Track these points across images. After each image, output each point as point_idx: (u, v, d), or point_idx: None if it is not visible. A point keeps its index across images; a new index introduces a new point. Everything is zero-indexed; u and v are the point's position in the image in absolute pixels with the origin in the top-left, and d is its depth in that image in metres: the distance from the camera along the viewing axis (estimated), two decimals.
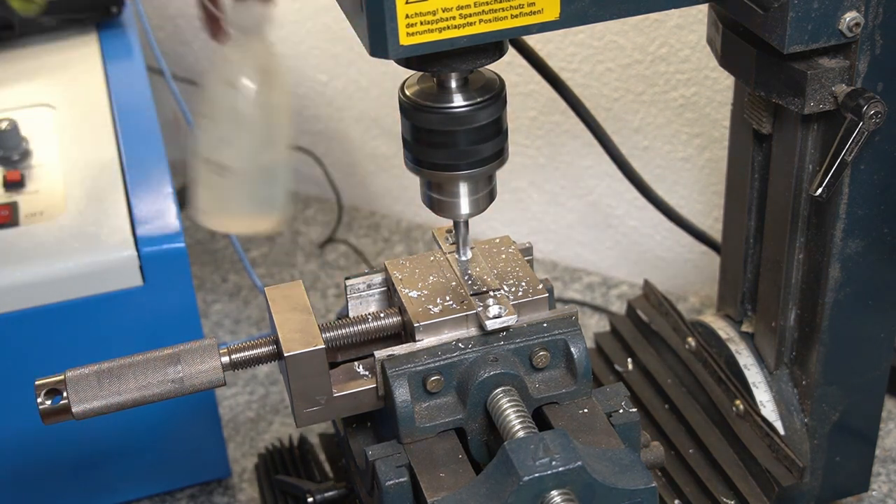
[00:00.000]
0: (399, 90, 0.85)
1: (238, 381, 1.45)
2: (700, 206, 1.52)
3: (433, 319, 0.88)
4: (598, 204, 1.60)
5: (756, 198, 1.08)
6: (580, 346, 0.88)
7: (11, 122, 1.20)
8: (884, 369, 1.08)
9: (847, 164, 0.91)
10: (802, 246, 1.03)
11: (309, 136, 1.82)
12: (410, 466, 0.84)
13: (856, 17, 0.85)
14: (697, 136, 1.47)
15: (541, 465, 0.77)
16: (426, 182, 0.89)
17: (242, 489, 1.31)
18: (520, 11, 0.77)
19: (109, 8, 1.39)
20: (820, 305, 1.02)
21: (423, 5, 0.74)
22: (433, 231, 0.98)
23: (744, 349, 1.13)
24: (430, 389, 0.86)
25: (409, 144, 0.86)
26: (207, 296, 1.61)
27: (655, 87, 1.47)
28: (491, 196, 0.89)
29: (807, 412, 1.08)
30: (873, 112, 0.87)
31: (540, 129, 1.58)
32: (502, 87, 0.85)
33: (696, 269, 1.57)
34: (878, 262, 1.00)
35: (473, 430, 0.88)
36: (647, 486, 0.81)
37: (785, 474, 1.05)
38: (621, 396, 0.90)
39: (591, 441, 0.85)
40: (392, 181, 1.78)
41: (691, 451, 1.12)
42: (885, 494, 1.24)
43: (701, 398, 1.14)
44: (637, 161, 1.36)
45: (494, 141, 0.85)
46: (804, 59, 0.89)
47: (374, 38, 0.75)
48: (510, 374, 0.86)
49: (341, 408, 0.89)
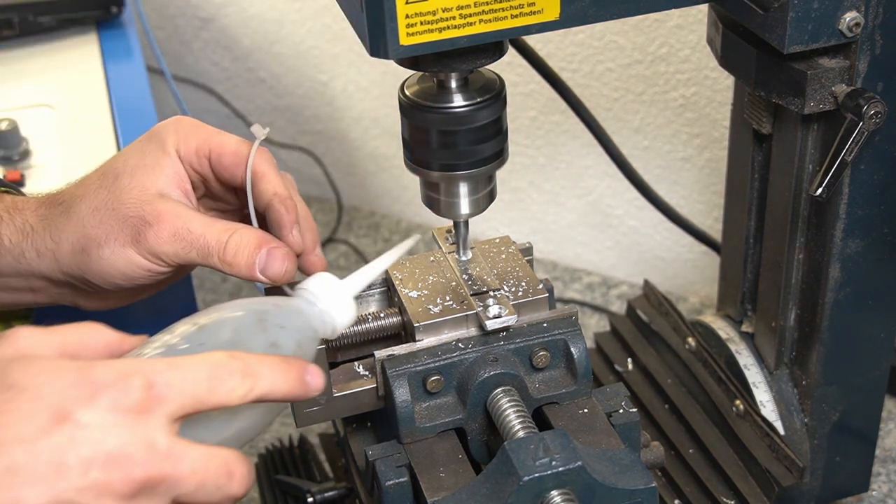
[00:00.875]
0: (399, 90, 0.85)
1: None
2: (700, 206, 1.52)
3: (433, 319, 0.88)
4: (598, 204, 1.60)
5: (756, 198, 1.08)
6: (580, 346, 0.88)
7: (11, 122, 1.20)
8: (884, 369, 1.08)
9: (847, 164, 0.91)
10: (802, 246, 1.03)
11: (309, 136, 1.82)
12: (410, 466, 0.84)
13: (856, 17, 0.85)
14: (697, 136, 1.47)
15: (541, 465, 0.77)
16: (426, 182, 0.89)
17: None
18: (520, 11, 0.77)
19: (109, 8, 1.38)
20: (820, 305, 1.02)
21: (423, 5, 0.74)
22: (433, 231, 0.98)
23: (744, 349, 1.13)
24: (430, 389, 0.86)
25: (409, 144, 0.86)
26: (207, 296, 1.61)
27: (655, 87, 1.47)
28: (491, 196, 0.89)
29: (807, 412, 1.08)
30: (873, 112, 0.87)
31: (540, 129, 1.58)
32: (502, 87, 0.85)
33: (696, 269, 1.57)
34: (878, 262, 1.00)
35: (473, 430, 0.88)
36: (647, 486, 0.80)
37: (785, 474, 1.05)
38: (621, 396, 0.90)
39: (591, 441, 0.85)
40: (392, 181, 1.78)
41: (691, 451, 1.12)
42: (885, 494, 1.24)
43: (701, 398, 1.14)
44: (637, 161, 1.36)
45: (494, 141, 0.85)
46: (804, 59, 0.89)
47: (374, 38, 0.75)
48: (510, 374, 0.86)
49: (341, 408, 0.89)
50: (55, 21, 1.37)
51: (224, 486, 0.64)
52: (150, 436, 0.62)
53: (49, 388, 0.61)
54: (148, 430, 0.62)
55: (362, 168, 1.80)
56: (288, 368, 0.68)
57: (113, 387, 0.61)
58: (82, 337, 0.67)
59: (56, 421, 0.60)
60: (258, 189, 0.84)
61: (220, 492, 0.64)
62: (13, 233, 0.85)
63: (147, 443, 0.61)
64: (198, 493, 0.63)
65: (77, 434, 0.60)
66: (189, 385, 0.63)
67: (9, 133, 1.20)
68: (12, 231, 0.85)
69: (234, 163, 0.85)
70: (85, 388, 0.61)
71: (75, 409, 0.60)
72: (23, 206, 0.87)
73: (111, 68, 1.34)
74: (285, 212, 0.84)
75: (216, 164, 0.85)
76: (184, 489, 0.63)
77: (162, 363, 0.64)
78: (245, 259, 0.81)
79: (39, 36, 1.39)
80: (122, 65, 1.35)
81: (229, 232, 0.82)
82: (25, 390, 0.61)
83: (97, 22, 1.41)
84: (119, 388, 0.61)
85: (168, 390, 0.63)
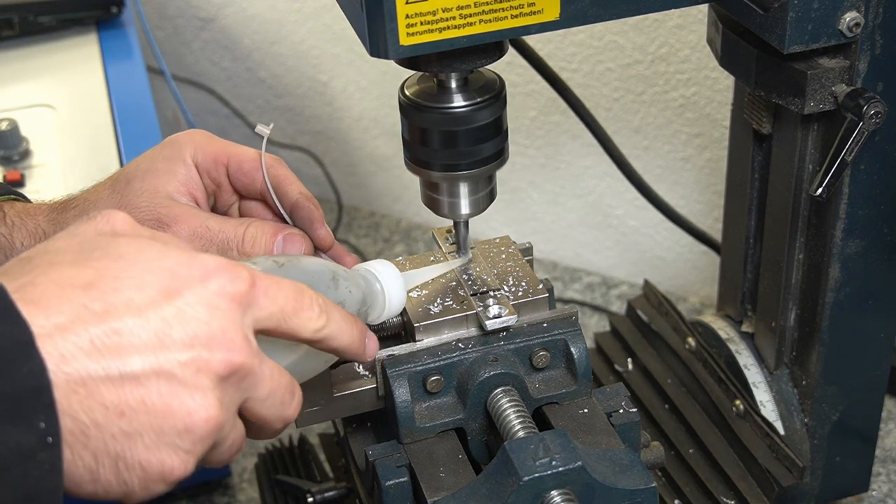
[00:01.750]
0: (399, 90, 0.85)
1: None
2: (700, 206, 1.51)
3: (433, 319, 0.88)
4: (598, 204, 1.60)
5: (756, 198, 1.08)
6: (580, 346, 0.88)
7: (11, 122, 1.20)
8: (884, 369, 1.08)
9: (847, 164, 0.91)
10: (802, 246, 1.03)
11: (309, 136, 1.82)
12: (410, 466, 0.84)
13: (856, 17, 0.85)
14: (697, 136, 1.47)
15: (541, 465, 0.77)
16: (426, 182, 0.89)
17: (242, 489, 1.31)
18: (520, 11, 0.77)
19: (109, 8, 1.39)
20: (820, 305, 1.02)
21: (423, 5, 0.74)
22: (433, 231, 0.98)
23: (744, 349, 1.13)
24: (430, 389, 0.86)
25: (409, 144, 0.86)
26: None
27: (655, 87, 1.47)
28: (491, 196, 0.89)
29: (807, 412, 1.08)
30: (873, 112, 0.87)
31: (540, 129, 1.58)
32: (502, 87, 0.85)
33: (696, 269, 1.57)
34: (878, 262, 1.00)
35: (473, 430, 0.88)
36: (647, 486, 0.81)
37: (785, 474, 1.05)
38: (621, 396, 0.90)
39: (591, 441, 0.85)
40: (392, 181, 1.78)
41: (691, 451, 1.12)
42: (885, 494, 1.24)
43: (701, 398, 1.14)
44: (637, 161, 1.36)
45: (494, 141, 0.85)
46: (804, 59, 0.89)
47: (374, 39, 0.75)
48: (510, 374, 0.86)
49: (341, 408, 0.89)
50: (55, 21, 1.37)
51: (286, 403, 0.67)
52: (246, 330, 0.64)
53: (161, 264, 0.63)
54: (245, 324, 0.64)
55: (362, 168, 1.80)
56: (354, 323, 0.72)
57: (223, 273, 0.64)
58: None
59: (166, 295, 0.62)
60: (282, 191, 0.88)
61: (282, 408, 0.67)
62: (25, 237, 0.86)
63: (244, 335, 0.64)
64: (266, 402, 0.66)
65: (186, 311, 0.62)
66: (282, 298, 0.66)
67: (9, 133, 1.20)
68: (24, 236, 0.86)
69: (254, 167, 0.88)
70: (196, 268, 0.63)
71: (185, 286, 0.62)
72: (34, 211, 0.88)
73: (111, 68, 1.34)
74: (314, 208, 0.88)
75: (236, 171, 0.88)
76: (260, 392, 0.65)
77: (259, 272, 0.67)
78: (263, 247, 0.84)
79: (39, 36, 1.39)
80: (122, 65, 1.36)
81: (245, 224, 0.85)
82: (137, 262, 0.62)
83: (97, 22, 1.41)
84: (228, 276, 0.64)
85: (266, 294, 0.65)
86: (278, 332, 0.67)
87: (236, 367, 0.63)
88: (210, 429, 0.62)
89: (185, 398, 0.61)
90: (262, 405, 0.66)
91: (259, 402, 0.66)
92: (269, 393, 0.66)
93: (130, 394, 0.59)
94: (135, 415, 0.60)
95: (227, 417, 0.63)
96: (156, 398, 0.60)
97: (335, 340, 0.70)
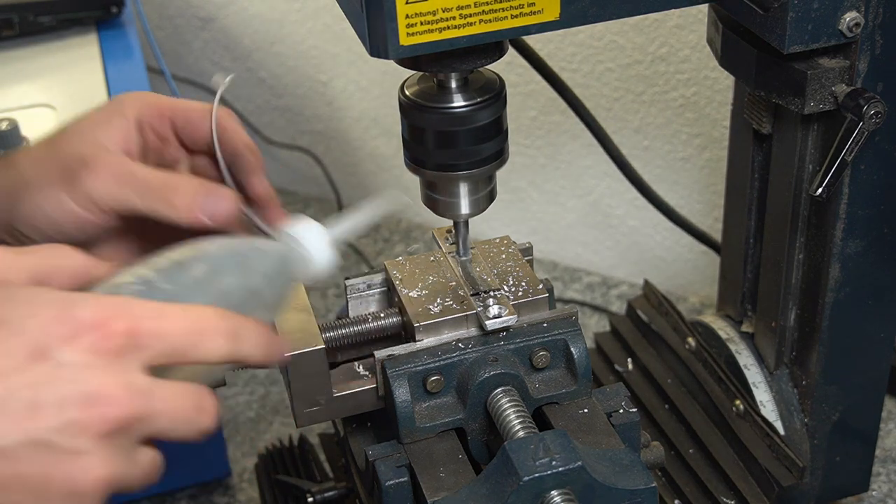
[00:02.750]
0: (399, 90, 0.85)
1: (238, 380, 1.45)
2: (700, 206, 1.51)
3: (433, 319, 0.88)
4: (598, 204, 1.60)
5: (756, 198, 1.08)
6: (580, 346, 0.88)
7: (11, 122, 1.20)
8: (884, 369, 1.08)
9: (847, 164, 0.91)
10: (802, 246, 1.03)
11: (309, 136, 1.82)
12: (410, 466, 0.84)
13: (856, 17, 0.85)
14: (697, 136, 1.47)
15: (541, 465, 0.77)
16: (426, 182, 0.89)
17: (242, 489, 1.31)
18: (520, 11, 0.77)
19: (109, 8, 1.38)
20: (820, 305, 1.02)
21: (423, 5, 0.74)
22: (433, 231, 0.98)
23: (744, 349, 1.13)
24: (430, 389, 0.86)
25: (409, 144, 0.86)
26: None
27: (655, 87, 1.47)
28: (491, 196, 0.89)
29: (807, 412, 1.08)
30: (873, 112, 0.87)
31: (540, 129, 1.58)
32: (502, 86, 0.85)
33: (696, 269, 1.57)
34: (878, 262, 1.00)
35: (473, 430, 0.88)
36: (647, 486, 0.81)
37: (785, 474, 1.05)
38: (621, 396, 0.90)
39: (591, 441, 0.85)
40: (392, 181, 1.78)
41: (691, 451, 1.12)
42: (885, 494, 1.24)
43: (701, 398, 1.14)
44: (637, 161, 1.36)
45: (494, 141, 0.85)
46: (804, 59, 0.89)
47: (374, 39, 0.75)
48: (510, 374, 0.86)
49: (341, 408, 0.89)
50: (55, 21, 1.37)
51: (196, 421, 0.64)
52: (127, 376, 0.61)
53: (30, 323, 0.59)
54: (125, 371, 0.61)
55: (362, 168, 1.80)
56: (272, 342, 0.69)
57: (95, 329, 0.60)
58: (54, 259, 0.66)
59: (34, 358, 0.59)
60: (224, 139, 0.83)
61: (193, 426, 0.64)
62: None
63: (124, 383, 0.60)
64: (172, 429, 0.63)
65: (54, 373, 0.58)
66: (172, 338, 0.63)
67: (9, 133, 1.19)
68: None
69: (200, 117, 0.83)
70: (67, 325, 0.60)
71: (55, 347, 0.59)
72: None
73: (111, 68, 1.34)
74: (253, 159, 0.83)
75: (183, 123, 0.83)
76: (158, 426, 0.62)
77: (149, 308, 0.63)
78: (188, 200, 0.78)
79: (39, 36, 1.39)
80: (122, 65, 1.35)
81: (173, 177, 0.80)
82: (5, 324, 0.59)
83: (97, 22, 1.41)
84: (101, 331, 0.60)
85: (151, 335, 0.62)
86: (179, 364, 0.64)
87: (119, 421, 0.60)
88: (102, 486, 0.59)
89: (65, 466, 0.58)
90: (169, 433, 0.63)
91: (164, 431, 0.63)
92: (170, 421, 0.63)
93: (5, 469, 0.57)
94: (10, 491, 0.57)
95: (120, 468, 0.61)
96: (34, 470, 0.57)
97: (248, 361, 0.68)
